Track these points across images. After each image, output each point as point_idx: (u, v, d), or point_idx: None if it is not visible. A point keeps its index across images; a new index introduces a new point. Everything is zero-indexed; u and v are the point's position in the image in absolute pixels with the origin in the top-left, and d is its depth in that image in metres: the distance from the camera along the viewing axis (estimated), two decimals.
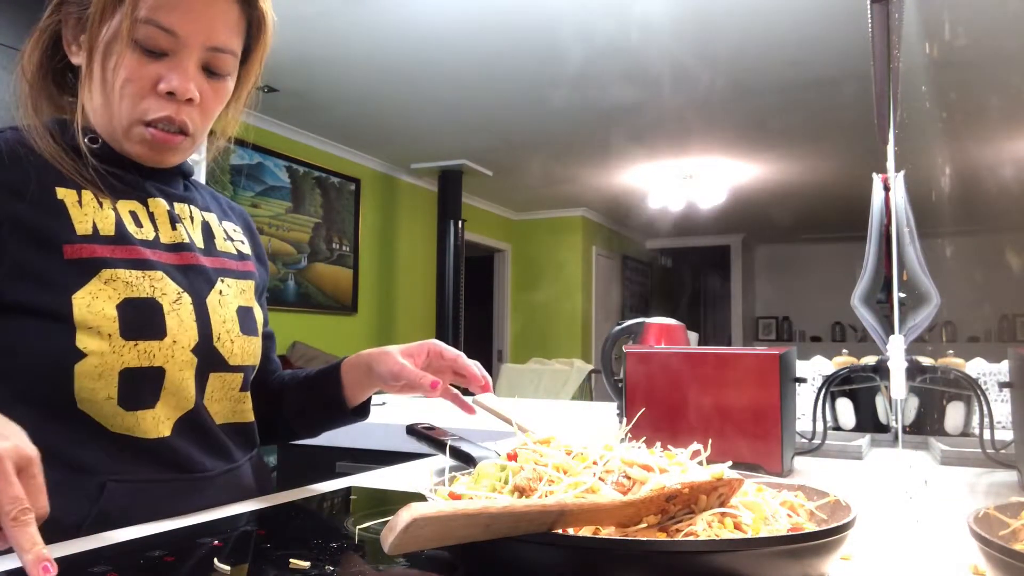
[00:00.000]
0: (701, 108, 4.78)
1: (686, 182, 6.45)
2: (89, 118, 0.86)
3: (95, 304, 0.77)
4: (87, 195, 0.83)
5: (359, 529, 0.74)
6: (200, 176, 2.70)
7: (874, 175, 1.43)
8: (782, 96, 4.58)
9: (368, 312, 6.14)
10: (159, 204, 0.90)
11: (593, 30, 3.71)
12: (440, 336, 6.20)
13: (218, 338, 0.88)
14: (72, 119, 0.86)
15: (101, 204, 0.83)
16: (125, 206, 0.86)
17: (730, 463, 0.62)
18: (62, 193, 0.81)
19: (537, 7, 3.52)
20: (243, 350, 0.92)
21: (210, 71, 0.86)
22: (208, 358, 0.87)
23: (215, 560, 0.61)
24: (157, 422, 0.81)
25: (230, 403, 0.91)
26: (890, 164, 1.29)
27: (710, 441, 0.67)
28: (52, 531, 0.70)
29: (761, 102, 4.70)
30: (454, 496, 0.61)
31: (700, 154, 5.95)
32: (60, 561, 0.62)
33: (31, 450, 0.58)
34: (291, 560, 0.62)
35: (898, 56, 1.33)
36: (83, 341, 0.76)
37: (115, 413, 0.79)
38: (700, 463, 0.64)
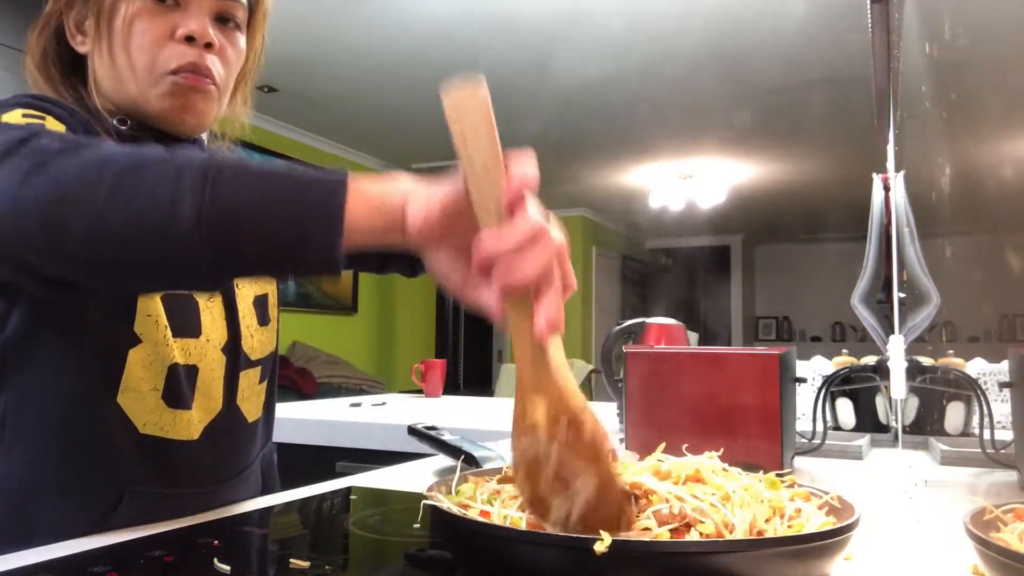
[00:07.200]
0: (701, 108, 4.78)
1: (686, 182, 6.45)
2: (106, 93, 0.81)
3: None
4: None
5: (359, 529, 0.74)
6: None
7: (874, 175, 1.43)
8: (782, 96, 4.58)
9: (368, 312, 6.14)
10: None
11: (593, 30, 3.71)
12: (440, 336, 6.21)
13: (242, 336, 0.88)
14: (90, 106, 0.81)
15: None
16: None
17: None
18: None
19: (537, 7, 3.52)
20: (261, 343, 0.91)
21: (222, 19, 0.83)
22: (235, 357, 0.86)
23: (215, 560, 0.61)
24: (190, 424, 0.81)
25: (257, 398, 0.91)
26: (890, 164, 1.29)
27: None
28: (59, 533, 0.70)
29: (761, 102, 4.69)
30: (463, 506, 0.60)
31: (700, 154, 5.95)
32: (60, 561, 0.62)
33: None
34: (291, 560, 0.62)
35: (898, 56, 1.33)
36: (140, 327, 0.76)
37: (155, 407, 0.78)
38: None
